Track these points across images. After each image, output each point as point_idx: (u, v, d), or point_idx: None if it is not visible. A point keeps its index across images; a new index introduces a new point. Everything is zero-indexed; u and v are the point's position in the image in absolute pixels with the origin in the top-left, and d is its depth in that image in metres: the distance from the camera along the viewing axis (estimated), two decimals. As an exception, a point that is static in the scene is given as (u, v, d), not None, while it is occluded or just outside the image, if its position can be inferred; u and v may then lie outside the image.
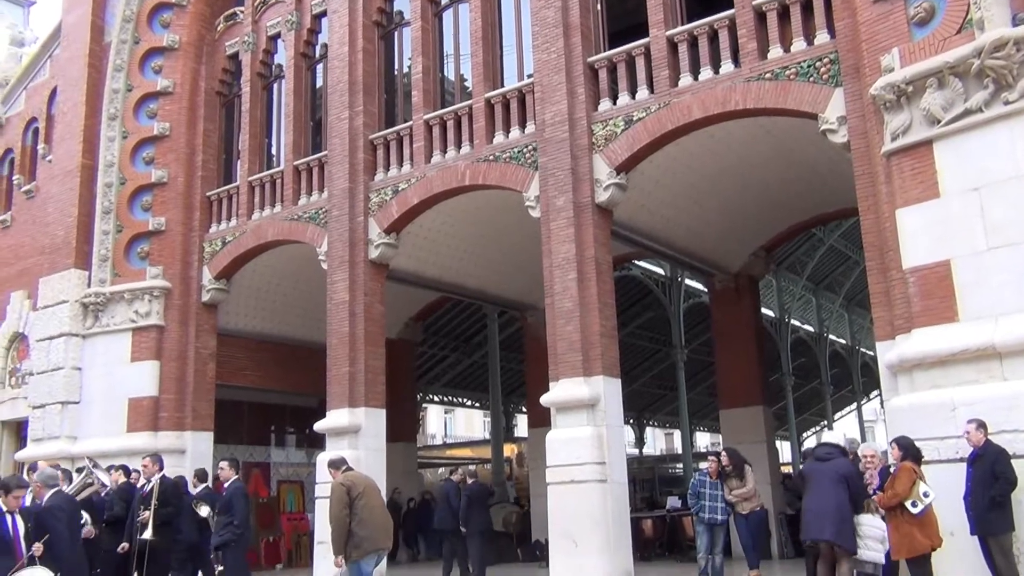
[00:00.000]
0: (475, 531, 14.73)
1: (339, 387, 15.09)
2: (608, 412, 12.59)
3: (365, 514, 8.26)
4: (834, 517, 8.70)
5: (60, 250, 18.34)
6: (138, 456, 15.64)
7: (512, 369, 27.41)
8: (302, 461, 21.00)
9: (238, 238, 17.40)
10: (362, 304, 15.27)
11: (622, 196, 13.29)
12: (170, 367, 17.08)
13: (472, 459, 29.73)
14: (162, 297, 17.35)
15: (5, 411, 19.51)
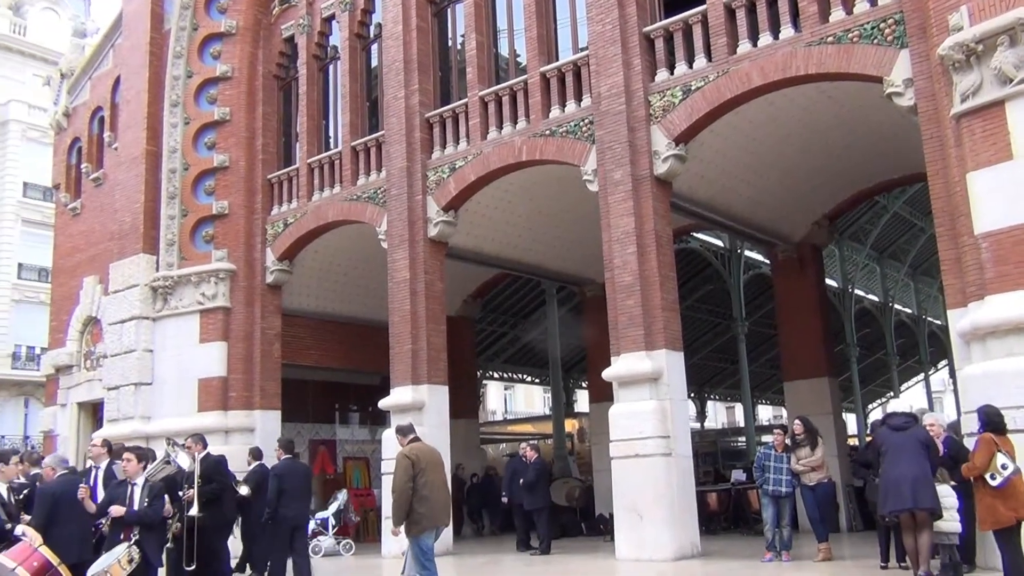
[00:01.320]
0: (539, 506, 14.83)
1: (402, 364, 15.25)
2: (671, 385, 12.52)
3: (427, 491, 8.30)
4: (918, 485, 8.55)
5: (128, 236, 18.77)
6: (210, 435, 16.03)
7: (571, 344, 27.27)
8: (366, 438, 21.27)
9: (299, 219, 17.61)
10: (423, 282, 15.37)
11: (681, 167, 13.12)
12: (237, 348, 17.41)
13: (533, 435, 29.77)
14: (227, 279, 17.66)
15: (82, 393, 20.11)
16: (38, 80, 36.67)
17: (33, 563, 7.46)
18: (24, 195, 38.12)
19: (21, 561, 7.40)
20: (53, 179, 23.21)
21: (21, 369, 37.11)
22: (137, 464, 8.32)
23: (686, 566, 11.45)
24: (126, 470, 8.32)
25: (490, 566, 13.78)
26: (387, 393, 15.66)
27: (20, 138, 38.34)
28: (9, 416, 37.45)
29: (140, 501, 8.10)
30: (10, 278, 37.34)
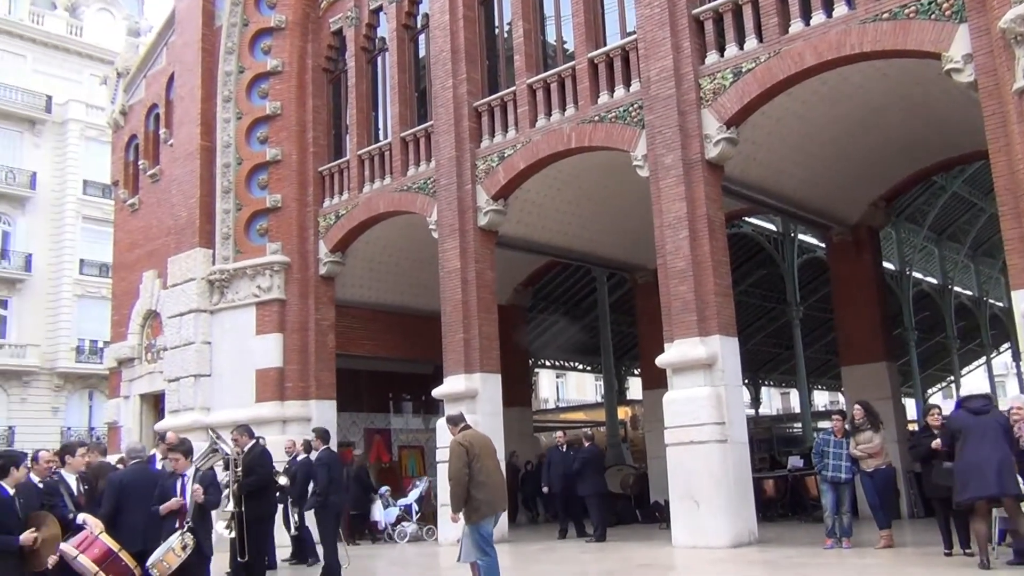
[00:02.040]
0: (593, 493, 14.82)
1: (455, 353, 15.31)
2: (726, 371, 12.39)
3: (483, 477, 8.33)
4: (1004, 470, 8.35)
5: (185, 230, 19.11)
6: (267, 424, 16.39)
7: (623, 332, 27.24)
8: (420, 427, 21.42)
9: (350, 211, 17.76)
10: (473, 271, 15.41)
11: (733, 151, 12.95)
12: (293, 339, 17.65)
13: (586, 422, 29.71)
14: (282, 272, 17.89)
15: (143, 385, 20.55)
16: (95, 80, 37.42)
17: (95, 550, 7.62)
18: (84, 193, 39.04)
19: (83, 549, 7.57)
20: (112, 176, 23.71)
21: (85, 362, 38.08)
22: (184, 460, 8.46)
23: (744, 553, 11.34)
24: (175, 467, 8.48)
25: (545, 553, 13.79)
26: (440, 382, 15.75)
27: (79, 137, 39.25)
28: (75, 408, 38.49)
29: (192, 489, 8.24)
30: (72, 274, 38.29)
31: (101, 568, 7.56)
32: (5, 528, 7.04)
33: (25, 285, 37.38)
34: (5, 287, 37.11)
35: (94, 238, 37.49)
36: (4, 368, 36.18)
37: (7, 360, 36.32)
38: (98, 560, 7.59)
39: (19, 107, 38.07)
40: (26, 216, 37.92)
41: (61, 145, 39.27)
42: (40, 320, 37.59)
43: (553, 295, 25.89)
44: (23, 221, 37.85)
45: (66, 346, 37.71)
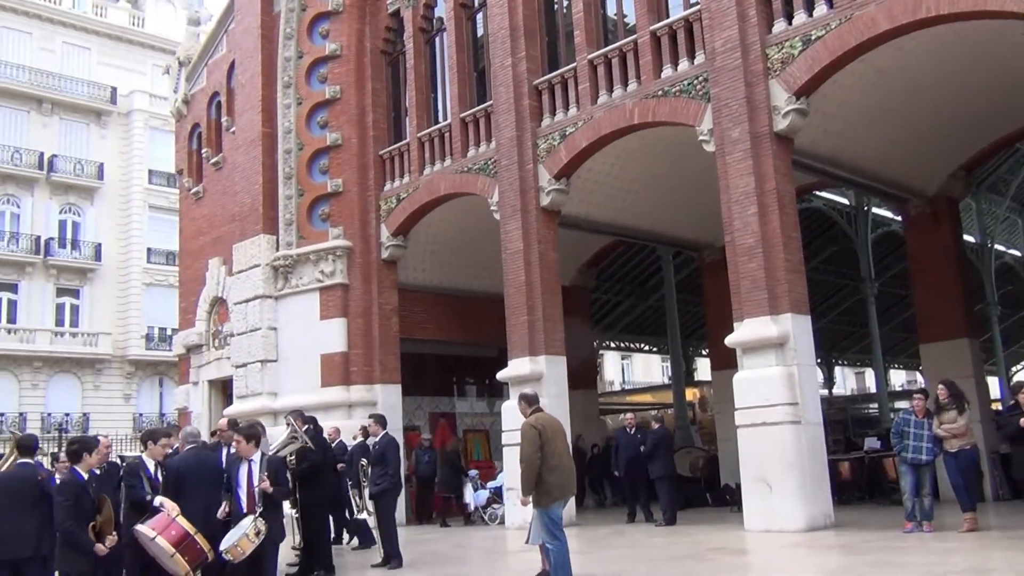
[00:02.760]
0: (662, 476, 14.74)
1: (519, 336, 15.33)
2: (798, 350, 12.18)
3: (554, 460, 8.31)
4: None
5: (249, 217, 19.45)
6: (334, 409, 16.66)
7: (690, 311, 26.97)
8: (484, 411, 21.53)
9: (411, 194, 17.87)
10: (536, 252, 15.39)
11: (802, 122, 12.66)
12: (357, 323, 17.87)
13: (653, 404, 29.57)
14: (345, 256, 18.10)
15: (211, 371, 21.04)
16: (158, 70, 38.30)
17: (172, 532, 7.82)
18: (150, 182, 40.09)
19: (160, 531, 7.77)
20: (176, 165, 24.24)
21: (154, 350, 39.19)
22: (247, 444, 8.61)
23: (819, 537, 11.16)
24: (239, 451, 8.63)
25: (614, 537, 13.77)
26: (504, 365, 15.80)
27: (144, 127, 40.27)
28: (145, 395, 39.67)
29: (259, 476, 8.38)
30: (140, 263, 39.39)
31: (178, 550, 7.75)
32: (82, 511, 7.28)
33: (96, 274, 38.56)
34: (77, 277, 38.33)
35: (160, 227, 38.48)
36: (78, 356, 37.45)
37: (80, 348, 37.58)
38: (175, 542, 7.78)
39: (85, 99, 39.17)
40: (95, 206, 39.08)
41: (126, 136, 40.33)
42: (110, 308, 38.78)
43: (618, 275, 25.72)
44: (92, 211, 39.02)
45: (136, 334, 38.84)
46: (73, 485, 7.33)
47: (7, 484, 8.35)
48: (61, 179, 37.92)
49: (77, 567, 7.23)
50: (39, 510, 7.97)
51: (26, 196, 37.36)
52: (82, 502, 7.32)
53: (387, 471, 11.36)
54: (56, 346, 36.94)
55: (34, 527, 7.95)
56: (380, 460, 11.49)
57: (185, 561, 7.77)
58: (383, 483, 11.34)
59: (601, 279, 24.27)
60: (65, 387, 37.25)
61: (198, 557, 7.90)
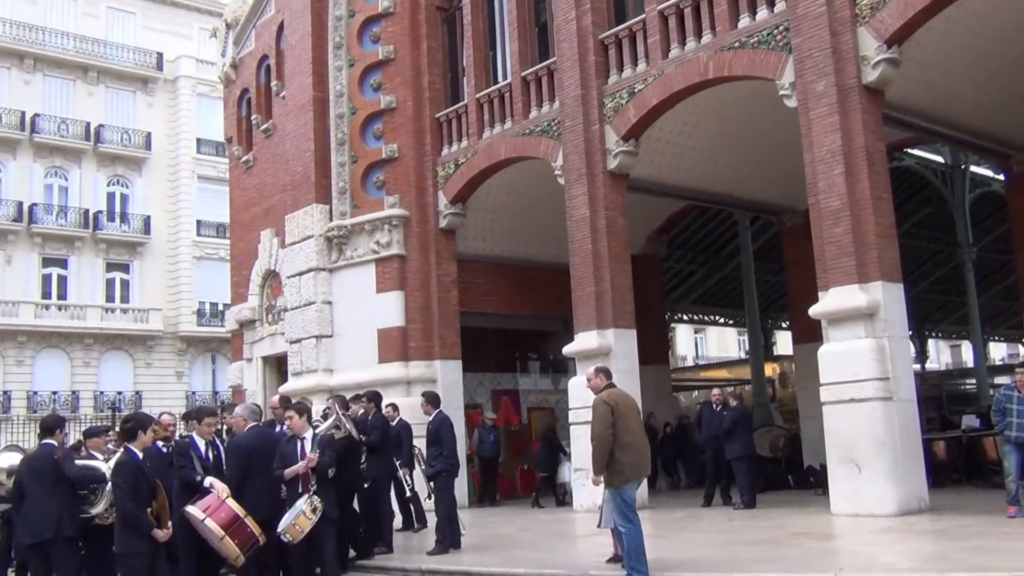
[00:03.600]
0: (741, 456, 14.63)
1: (586, 308, 15.29)
2: (889, 321, 11.95)
3: (627, 438, 8.32)
4: None
5: (301, 186, 19.68)
6: (392, 386, 16.84)
7: (768, 281, 26.65)
8: (549, 388, 21.58)
9: (470, 159, 17.87)
10: (603, 218, 15.30)
11: (893, 73, 12.32)
12: (414, 296, 18.00)
13: (729, 380, 29.34)
14: (401, 226, 18.22)
15: (265, 347, 21.42)
16: (205, 33, 38.89)
17: (221, 514, 8.01)
18: (198, 151, 40.79)
19: (210, 513, 7.96)
20: (225, 133, 24.57)
21: (206, 326, 40.08)
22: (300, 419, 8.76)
23: (912, 522, 10.98)
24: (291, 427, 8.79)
25: (689, 520, 13.74)
26: (570, 339, 15.79)
27: (191, 94, 40.94)
28: (198, 372, 40.66)
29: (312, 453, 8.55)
30: (190, 235, 40.20)
31: (227, 533, 7.93)
32: (139, 492, 7.49)
33: (145, 248, 39.50)
34: (126, 251, 39.32)
35: (210, 198, 39.18)
36: (129, 333, 38.49)
37: (131, 325, 38.62)
38: (225, 524, 7.96)
39: (131, 66, 39.96)
40: (143, 178, 39.96)
41: (173, 103, 41.06)
42: (160, 283, 39.73)
43: (690, 242, 25.50)
44: (140, 183, 39.92)
45: (187, 309, 39.75)
46: (129, 465, 7.50)
47: (31, 466, 8.68)
48: (108, 150, 38.80)
49: (135, 549, 7.44)
50: (59, 491, 8.27)
51: (73, 168, 38.33)
52: (139, 482, 7.49)
53: (442, 451, 11.42)
54: (107, 323, 38.01)
55: (54, 508, 8.27)
56: (434, 440, 11.54)
57: (235, 544, 7.94)
58: (438, 464, 11.42)
59: (673, 247, 24.09)
60: (117, 365, 38.35)
61: (248, 540, 8.07)
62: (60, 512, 8.33)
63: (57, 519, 8.30)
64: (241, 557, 8.04)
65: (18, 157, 36.97)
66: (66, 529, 8.31)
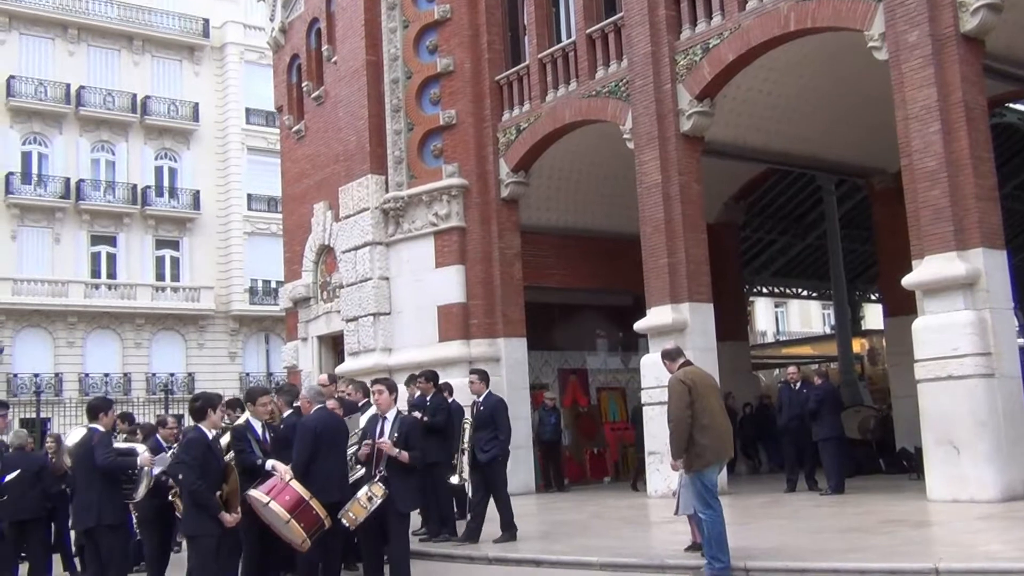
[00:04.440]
0: (829, 437, 14.48)
1: (658, 281, 15.20)
2: (992, 292, 11.69)
3: (706, 419, 8.27)
4: None
5: (355, 156, 19.83)
6: (453, 366, 16.94)
7: (856, 250, 26.28)
8: (619, 367, 21.54)
9: (533, 124, 17.81)
10: (677, 185, 15.17)
11: (995, 19, 11.97)
12: (475, 271, 18.07)
13: (814, 357, 28.99)
14: (460, 196, 18.27)
15: (320, 326, 21.72)
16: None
17: (285, 497, 8.14)
18: (247, 122, 41.29)
19: (275, 496, 8.11)
20: (275, 101, 24.85)
21: (259, 304, 40.74)
22: (388, 396, 8.83)
23: (1018, 508, 10.74)
24: (378, 403, 8.85)
25: (773, 507, 13.64)
26: (641, 314, 15.72)
27: (239, 62, 41.43)
28: (252, 353, 41.39)
29: (390, 436, 8.62)
30: (241, 210, 40.80)
31: (292, 516, 8.05)
32: (211, 472, 7.68)
33: (195, 224, 40.24)
34: (176, 227, 40.10)
35: (260, 171, 39.72)
36: (180, 312, 39.31)
37: (182, 304, 39.43)
38: (289, 507, 8.08)
39: (176, 34, 40.58)
40: (191, 151, 40.64)
41: (221, 72, 41.61)
42: (211, 261, 40.47)
43: (770, 209, 25.19)
44: (188, 156, 40.62)
45: (239, 287, 40.44)
46: (199, 443, 7.69)
47: (76, 452, 8.97)
48: (155, 122, 39.50)
49: (206, 530, 7.63)
50: (98, 478, 8.53)
51: (120, 142, 39.14)
52: (208, 461, 7.68)
53: (497, 435, 11.27)
54: (157, 302, 38.87)
55: (95, 496, 8.53)
56: (488, 423, 11.35)
57: (301, 528, 8.08)
58: (493, 449, 11.25)
59: (751, 214, 23.88)
60: (168, 346, 39.22)
61: (314, 523, 8.19)
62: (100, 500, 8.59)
63: (98, 507, 8.57)
64: (307, 541, 8.17)
65: (64, 131, 37.84)
66: (107, 517, 8.57)
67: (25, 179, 37.08)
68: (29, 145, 37.53)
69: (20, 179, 36.86)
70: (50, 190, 37.30)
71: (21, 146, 37.32)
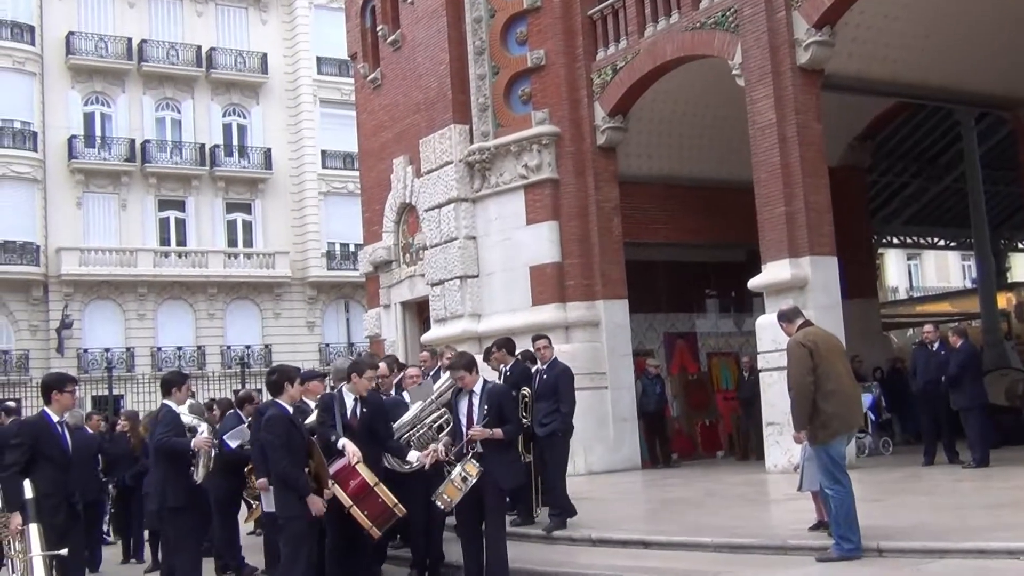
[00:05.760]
0: (971, 405, 14.17)
1: (774, 233, 15.01)
2: None
3: (832, 384, 8.14)
4: None
5: (436, 104, 19.90)
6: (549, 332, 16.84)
7: (1000, 192, 25.70)
8: (732, 330, 21.35)
9: (630, 62, 17.62)
10: (794, 124, 14.93)
11: None
12: (570, 227, 18.03)
13: (953, 315, 28.33)
14: (552, 145, 18.21)
15: (403, 291, 21.93)
16: (320, -65, 39.60)
17: (350, 482, 8.25)
18: (319, 72, 41.76)
19: (339, 480, 8.23)
20: (348, 48, 25.04)
21: (337, 269, 41.40)
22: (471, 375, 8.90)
23: None
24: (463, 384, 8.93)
25: (908, 481, 13.44)
26: (756, 271, 15.56)
27: (308, 7, 41.90)
28: (331, 322, 42.17)
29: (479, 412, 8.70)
30: (315, 168, 41.38)
31: (355, 503, 8.17)
32: (293, 449, 7.87)
33: (267, 185, 41.03)
34: (247, 188, 40.92)
35: (334, 125, 40.26)
36: (255, 280, 40.19)
37: (257, 271, 40.30)
38: (353, 493, 8.20)
39: (242, -21, 41.16)
40: (260, 106, 41.38)
41: (289, 19, 42.13)
42: (285, 224, 41.24)
43: (900, 149, 24.67)
44: (257, 112, 41.35)
45: (316, 252, 41.16)
46: (281, 419, 7.89)
47: (149, 433, 9.29)
48: (222, 76, 40.28)
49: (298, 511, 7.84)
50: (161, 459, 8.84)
51: (186, 99, 40.01)
52: (292, 438, 7.87)
53: (558, 407, 11.13)
54: (230, 270, 39.80)
55: (159, 477, 8.87)
56: (550, 393, 11.20)
57: (365, 516, 8.17)
58: (553, 422, 11.10)
59: (879, 155, 23.46)
60: (243, 316, 40.21)
61: (380, 512, 8.28)
62: (164, 481, 8.90)
63: (161, 488, 8.88)
64: (375, 530, 8.28)
65: (127, 89, 38.86)
66: (170, 499, 8.87)
67: (88, 142, 38.20)
68: (91, 106, 38.68)
69: (83, 142, 37.98)
70: (114, 153, 38.41)
71: (83, 107, 38.45)
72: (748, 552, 9.28)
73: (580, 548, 10.59)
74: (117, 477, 13.50)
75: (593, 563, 9.76)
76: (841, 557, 8.16)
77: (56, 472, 8.21)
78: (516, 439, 9.12)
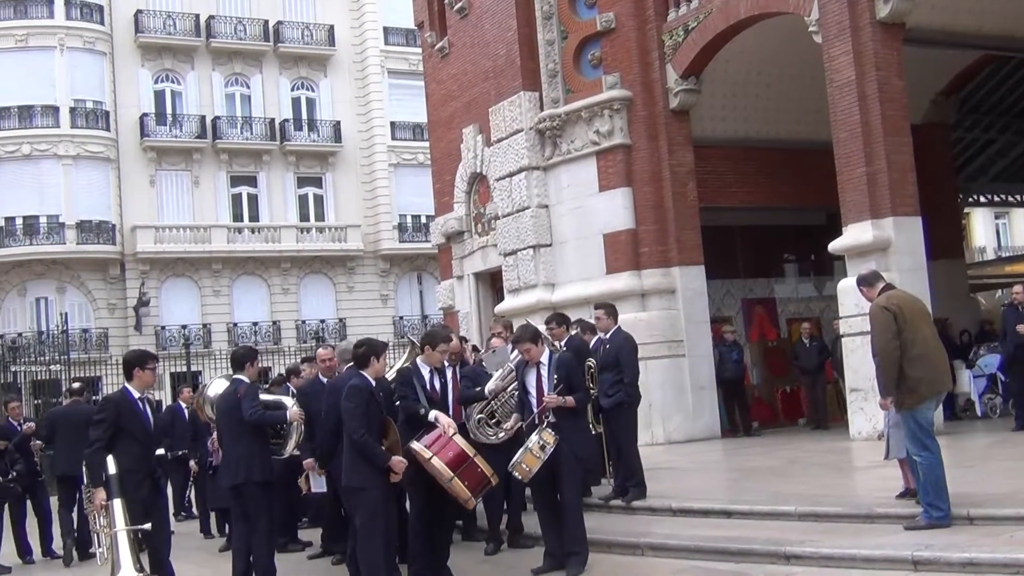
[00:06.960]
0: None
1: (856, 194, 14.77)
2: None
3: (918, 349, 8.02)
4: None
5: (504, 72, 19.86)
6: (623, 299, 16.96)
7: (1096, 145, 24.81)
8: (812, 294, 21.10)
9: (703, 21, 17.38)
10: (874, 81, 14.63)
11: None
12: (644, 192, 17.92)
13: (1046, 275, 27.67)
14: (623, 110, 18.07)
15: (476, 262, 22.03)
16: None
17: (448, 453, 8.35)
18: (386, 43, 41.93)
19: (437, 451, 8.33)
20: (415, 17, 25.12)
21: (409, 241, 41.72)
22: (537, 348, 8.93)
23: None
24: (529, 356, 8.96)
25: (999, 448, 13.19)
26: (836, 233, 15.35)
27: (373, -25, 41.97)
28: (404, 295, 42.54)
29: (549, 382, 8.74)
30: (385, 140, 41.67)
31: (456, 474, 8.27)
32: (371, 421, 8.01)
33: (337, 158, 41.42)
34: (317, 162, 41.37)
35: (403, 96, 40.46)
36: (328, 254, 40.69)
37: (329, 245, 40.79)
38: (452, 464, 8.30)
39: (305, -48, 41.42)
40: (328, 79, 41.69)
41: (354, -12, 42.27)
42: (356, 197, 41.63)
43: (987, 105, 24.05)
44: (325, 85, 41.69)
45: (387, 224, 41.51)
46: (362, 390, 8.04)
47: (220, 405, 9.46)
48: (290, 50, 40.66)
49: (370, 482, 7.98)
50: (246, 431, 8.96)
51: (254, 74, 40.49)
52: (371, 410, 8.02)
53: (622, 378, 10.97)
54: (303, 244, 40.35)
55: (243, 451, 8.96)
56: (613, 363, 11.04)
57: (465, 487, 8.28)
58: (617, 394, 10.96)
59: (965, 111, 22.94)
60: (316, 290, 40.77)
61: (479, 482, 8.39)
62: (248, 455, 9.03)
63: (247, 463, 9.01)
64: (472, 500, 8.42)
65: (197, 66, 39.44)
66: (255, 474, 9.00)
67: (160, 120, 38.88)
68: (161, 83, 39.35)
69: (155, 120, 38.66)
70: (186, 130, 39.06)
71: (153, 85, 39.11)
72: (834, 521, 9.20)
73: (660, 518, 10.57)
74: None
75: (675, 533, 9.74)
76: (930, 525, 8.06)
77: (138, 448, 8.43)
78: (586, 408, 9.12)
